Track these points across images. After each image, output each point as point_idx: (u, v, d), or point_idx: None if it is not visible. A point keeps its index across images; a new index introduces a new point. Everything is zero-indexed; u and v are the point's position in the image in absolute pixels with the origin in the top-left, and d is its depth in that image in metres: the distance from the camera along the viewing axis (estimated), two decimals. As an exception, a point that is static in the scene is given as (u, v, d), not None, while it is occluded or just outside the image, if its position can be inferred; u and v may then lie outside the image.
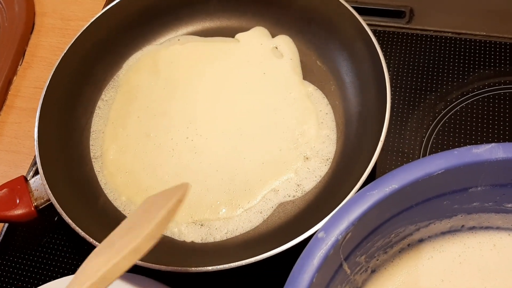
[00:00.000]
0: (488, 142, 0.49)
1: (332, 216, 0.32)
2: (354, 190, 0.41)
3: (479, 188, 0.35)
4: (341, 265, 0.33)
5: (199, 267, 0.39)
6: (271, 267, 0.40)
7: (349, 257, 0.33)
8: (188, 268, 0.39)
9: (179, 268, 0.40)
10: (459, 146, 0.50)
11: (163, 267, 0.40)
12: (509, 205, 0.36)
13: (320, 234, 0.31)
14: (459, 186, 0.34)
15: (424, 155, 0.50)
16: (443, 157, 0.33)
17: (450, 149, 0.49)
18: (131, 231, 0.31)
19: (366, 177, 0.41)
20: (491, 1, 0.58)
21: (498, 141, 0.50)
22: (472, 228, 0.38)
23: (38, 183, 0.47)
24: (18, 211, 0.45)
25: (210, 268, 0.39)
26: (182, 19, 0.59)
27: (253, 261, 0.39)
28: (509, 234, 0.38)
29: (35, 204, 0.46)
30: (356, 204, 0.32)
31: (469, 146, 0.33)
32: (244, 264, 0.39)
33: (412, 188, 0.33)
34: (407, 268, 0.38)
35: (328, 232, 0.31)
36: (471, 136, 0.51)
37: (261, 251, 0.40)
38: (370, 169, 0.41)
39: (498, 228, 0.38)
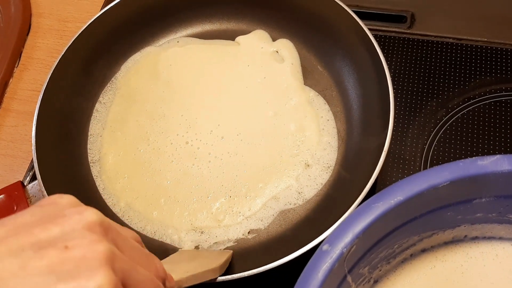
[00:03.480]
0: (489, 149, 0.50)
1: (336, 228, 0.32)
2: (358, 201, 0.40)
3: (483, 200, 0.35)
4: (345, 277, 0.33)
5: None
6: (273, 278, 0.40)
7: (353, 269, 0.33)
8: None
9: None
10: (460, 153, 0.50)
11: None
12: (513, 216, 0.36)
13: (324, 247, 0.31)
14: (464, 198, 0.34)
15: (425, 162, 0.50)
16: (448, 169, 0.33)
17: (451, 156, 0.50)
18: (198, 259, 0.40)
19: (369, 189, 0.41)
20: (493, 7, 0.58)
21: (500, 148, 0.50)
22: (475, 238, 0.38)
23: (35, 188, 0.46)
24: (16, 218, 0.44)
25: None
26: (182, 20, 0.58)
27: (255, 272, 0.39)
28: (511, 244, 0.38)
29: (33, 210, 0.45)
30: (361, 216, 0.32)
31: (474, 157, 0.33)
32: (246, 275, 0.39)
33: (416, 200, 0.33)
34: (409, 278, 0.38)
35: (333, 245, 0.31)
36: (472, 143, 0.50)
37: (262, 261, 0.39)
38: (373, 180, 0.41)
39: (501, 239, 0.38)
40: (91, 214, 0.25)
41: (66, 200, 0.26)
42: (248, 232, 0.46)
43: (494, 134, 0.51)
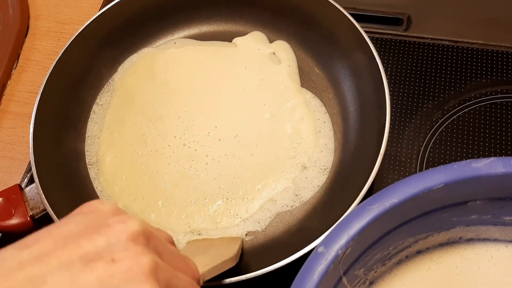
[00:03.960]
0: (485, 150, 0.50)
1: (332, 231, 0.32)
2: (354, 204, 0.41)
3: (477, 202, 0.35)
4: (340, 279, 0.33)
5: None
6: (269, 280, 0.40)
7: (348, 271, 0.33)
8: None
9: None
10: (456, 155, 0.50)
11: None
12: (507, 218, 0.36)
13: (320, 249, 0.31)
14: (458, 200, 0.35)
15: (421, 164, 0.50)
16: (442, 171, 0.33)
17: (447, 157, 0.50)
18: (212, 249, 0.41)
19: (366, 191, 0.41)
20: (489, 10, 0.58)
21: (495, 150, 0.50)
22: (470, 240, 0.38)
23: (33, 192, 0.46)
24: (14, 221, 0.44)
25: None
26: (179, 22, 0.58)
27: (253, 275, 0.39)
28: (506, 246, 0.38)
29: (31, 213, 0.45)
30: (356, 219, 0.32)
31: (468, 160, 0.33)
32: (243, 279, 0.39)
33: (411, 202, 0.33)
34: (404, 279, 0.38)
35: (328, 247, 0.31)
36: (468, 145, 0.51)
37: (259, 264, 0.39)
38: (370, 183, 0.41)
39: (495, 240, 0.38)
40: (134, 224, 0.26)
41: (107, 207, 0.27)
42: (246, 234, 0.46)
43: (489, 136, 0.51)
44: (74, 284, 0.23)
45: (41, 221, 0.46)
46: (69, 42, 0.53)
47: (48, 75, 0.51)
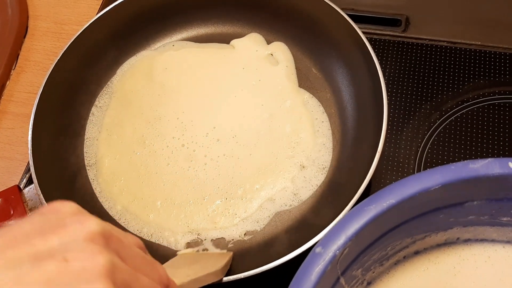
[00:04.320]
0: (483, 152, 0.50)
1: (329, 231, 0.32)
2: (351, 205, 0.41)
3: (475, 202, 0.35)
4: (338, 279, 0.33)
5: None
6: (268, 279, 0.40)
7: (346, 271, 0.33)
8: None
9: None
10: (454, 156, 0.50)
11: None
12: (504, 219, 0.36)
13: (317, 249, 0.31)
14: (456, 200, 0.35)
15: (419, 164, 0.50)
16: (440, 172, 0.33)
17: (445, 158, 0.50)
18: (199, 263, 0.41)
19: (363, 191, 0.41)
20: (487, 11, 0.59)
21: (493, 151, 0.50)
22: (467, 241, 0.39)
23: (32, 192, 0.46)
24: (13, 222, 0.44)
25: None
26: (177, 24, 0.58)
27: (251, 274, 0.39)
28: (503, 247, 0.38)
29: (30, 214, 0.45)
30: (354, 219, 0.32)
31: (465, 161, 0.33)
32: (242, 277, 0.39)
33: (409, 203, 0.33)
34: (402, 279, 0.38)
35: (325, 248, 0.31)
36: (466, 146, 0.51)
37: (258, 263, 0.40)
38: (367, 183, 0.41)
39: (493, 241, 0.38)
40: (93, 223, 0.25)
41: (68, 208, 0.26)
42: (244, 234, 0.46)
43: (487, 137, 0.51)
44: (19, 282, 0.22)
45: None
46: (69, 43, 0.53)
47: (47, 76, 0.51)
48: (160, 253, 0.45)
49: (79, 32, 0.54)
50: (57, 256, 0.23)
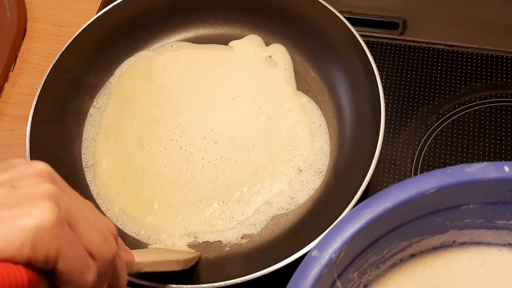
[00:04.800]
0: (479, 155, 0.50)
1: (325, 235, 0.32)
2: (349, 208, 0.41)
3: (471, 206, 0.35)
4: (334, 282, 0.33)
5: (193, 284, 0.39)
6: (264, 283, 0.40)
7: (342, 274, 0.34)
8: (182, 286, 0.40)
9: (174, 286, 0.40)
10: (451, 159, 0.51)
11: (154, 284, 0.40)
12: (500, 222, 0.37)
13: (314, 253, 0.31)
14: (451, 204, 0.35)
15: (416, 167, 0.51)
16: (436, 176, 0.33)
17: (442, 161, 0.50)
18: (163, 253, 0.42)
19: (361, 194, 0.41)
20: (484, 14, 0.59)
21: (489, 154, 0.50)
22: (463, 244, 0.39)
23: (30, 194, 0.46)
24: (10, 224, 0.44)
25: (205, 285, 0.39)
26: (176, 25, 0.59)
27: (248, 279, 0.39)
28: (499, 250, 0.38)
29: (27, 215, 0.45)
30: (350, 223, 0.32)
31: (461, 164, 0.34)
32: (238, 282, 0.39)
33: (405, 206, 0.33)
34: (398, 282, 0.38)
35: (322, 251, 0.31)
36: (462, 149, 0.51)
37: (255, 267, 0.40)
38: (365, 187, 0.42)
39: (489, 244, 0.39)
40: (41, 164, 0.27)
41: (19, 159, 0.28)
42: (241, 237, 0.46)
43: (484, 140, 0.51)
44: None
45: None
46: (66, 44, 0.53)
47: (45, 77, 0.51)
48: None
49: (76, 33, 0.54)
50: (6, 184, 0.25)
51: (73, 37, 0.54)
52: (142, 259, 0.34)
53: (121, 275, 0.30)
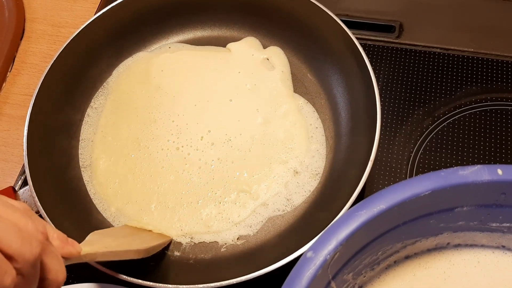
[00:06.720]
0: (474, 157, 0.51)
1: (320, 236, 0.32)
2: (344, 210, 0.41)
3: (464, 208, 0.35)
4: (329, 283, 0.34)
5: (189, 284, 0.40)
6: (260, 284, 0.41)
7: (336, 276, 0.34)
8: (178, 286, 0.40)
9: (170, 286, 0.40)
10: (446, 161, 0.51)
11: (150, 284, 0.40)
12: (494, 224, 0.37)
13: (308, 254, 0.32)
14: (445, 206, 0.35)
15: (411, 170, 0.51)
16: (430, 179, 0.33)
17: (437, 164, 0.51)
18: (128, 237, 0.41)
19: (356, 196, 0.42)
20: (480, 18, 0.59)
21: (484, 157, 0.51)
22: (457, 246, 0.39)
23: (27, 194, 0.46)
24: (7, 223, 0.44)
25: (201, 286, 0.39)
26: (174, 26, 0.59)
27: (244, 279, 0.39)
28: (493, 252, 0.39)
29: (24, 215, 0.45)
30: (344, 224, 0.32)
31: (455, 167, 0.34)
32: (233, 282, 0.39)
33: (399, 209, 0.33)
34: (393, 284, 0.38)
35: (316, 252, 0.32)
36: (457, 152, 0.51)
37: (251, 268, 0.40)
38: (360, 189, 0.42)
39: (482, 246, 0.39)
40: None
41: None
42: (237, 238, 0.47)
43: (479, 143, 0.52)
44: None
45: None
46: (64, 45, 0.53)
47: (43, 78, 0.51)
48: (156, 255, 0.45)
49: (74, 34, 0.54)
50: None
51: (71, 38, 0.54)
52: (96, 249, 0.34)
53: (53, 269, 0.30)
